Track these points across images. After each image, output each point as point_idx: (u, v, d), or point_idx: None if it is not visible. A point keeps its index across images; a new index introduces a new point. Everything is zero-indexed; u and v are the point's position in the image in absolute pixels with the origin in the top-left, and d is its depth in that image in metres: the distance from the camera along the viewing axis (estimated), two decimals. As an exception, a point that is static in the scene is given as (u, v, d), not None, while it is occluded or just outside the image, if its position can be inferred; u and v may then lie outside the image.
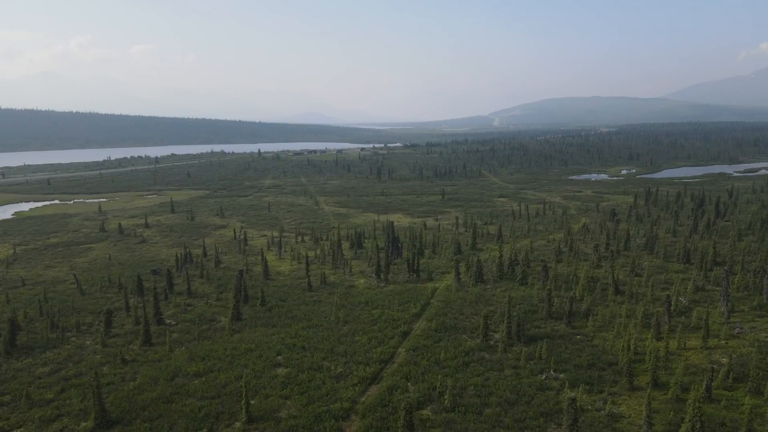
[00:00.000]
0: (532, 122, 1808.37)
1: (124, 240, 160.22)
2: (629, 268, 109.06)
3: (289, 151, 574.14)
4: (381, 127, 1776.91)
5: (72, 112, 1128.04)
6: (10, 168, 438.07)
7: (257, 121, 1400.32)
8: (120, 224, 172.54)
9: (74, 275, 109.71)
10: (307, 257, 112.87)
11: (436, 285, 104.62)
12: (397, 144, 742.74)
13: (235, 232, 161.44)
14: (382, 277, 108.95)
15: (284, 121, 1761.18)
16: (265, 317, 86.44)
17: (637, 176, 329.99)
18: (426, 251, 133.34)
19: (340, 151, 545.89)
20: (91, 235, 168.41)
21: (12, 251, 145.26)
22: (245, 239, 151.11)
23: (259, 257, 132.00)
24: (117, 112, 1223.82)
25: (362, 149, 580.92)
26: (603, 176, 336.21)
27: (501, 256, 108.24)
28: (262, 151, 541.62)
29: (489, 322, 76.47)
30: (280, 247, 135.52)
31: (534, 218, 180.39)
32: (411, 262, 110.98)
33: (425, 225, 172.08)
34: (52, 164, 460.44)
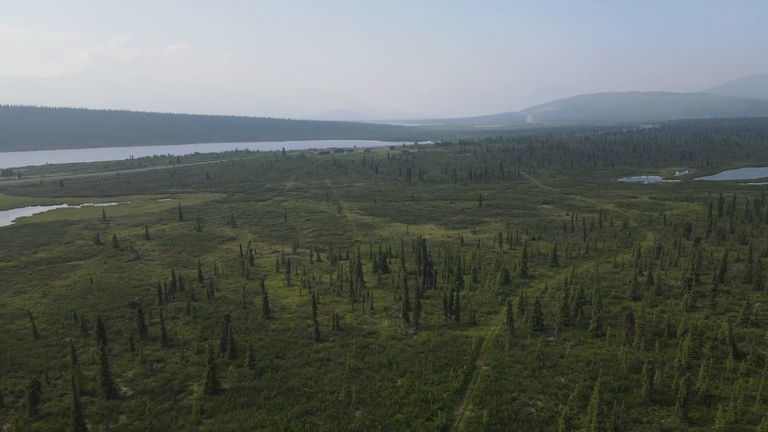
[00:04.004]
0: (566, 118, 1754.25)
1: (118, 255, 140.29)
2: (739, 313, 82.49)
3: (315, 149, 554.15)
4: (411, 124, 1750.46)
5: (104, 111, 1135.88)
6: (32, 167, 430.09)
7: (286, 118, 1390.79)
8: (115, 236, 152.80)
9: (29, 314, 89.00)
10: (314, 296, 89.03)
11: (482, 333, 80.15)
12: (428, 142, 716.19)
13: (241, 248, 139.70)
14: (411, 320, 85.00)
15: (313, 119, 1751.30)
16: (251, 389, 63.43)
17: (695, 178, 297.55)
18: (465, 277, 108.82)
19: (367, 150, 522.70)
20: (83, 248, 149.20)
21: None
22: (252, 258, 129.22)
23: (264, 282, 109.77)
24: (150, 111, 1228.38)
25: (391, 148, 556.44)
26: (656, 178, 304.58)
27: (567, 297, 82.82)
28: (287, 149, 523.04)
29: (569, 414, 51.82)
30: (288, 272, 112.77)
31: (590, 232, 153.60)
32: (449, 300, 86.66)
33: (462, 240, 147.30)
34: (74, 163, 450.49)
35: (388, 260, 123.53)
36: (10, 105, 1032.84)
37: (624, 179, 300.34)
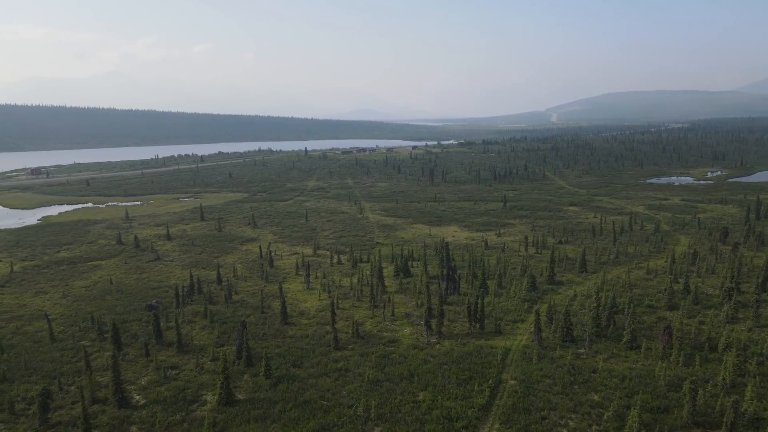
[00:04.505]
0: (592, 118, 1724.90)
1: (138, 256, 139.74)
2: (785, 326, 77.18)
3: (337, 149, 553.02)
4: (434, 124, 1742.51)
5: (132, 110, 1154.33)
6: (61, 166, 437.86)
7: (309, 117, 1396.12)
8: (136, 237, 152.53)
9: (46, 316, 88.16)
10: (333, 303, 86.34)
11: (508, 343, 76.36)
12: (451, 141, 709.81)
13: (261, 250, 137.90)
14: (433, 328, 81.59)
15: (336, 118, 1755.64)
16: (266, 401, 60.85)
17: (729, 180, 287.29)
18: (490, 283, 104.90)
19: (390, 150, 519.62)
20: (105, 248, 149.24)
21: (9, 270, 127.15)
22: (271, 260, 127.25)
23: (283, 285, 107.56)
24: (176, 110, 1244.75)
25: (414, 147, 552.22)
26: (687, 179, 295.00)
27: (598, 306, 78.43)
28: (310, 149, 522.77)
29: (603, 438, 47.97)
30: (308, 275, 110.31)
31: (619, 236, 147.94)
32: (473, 308, 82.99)
33: (486, 243, 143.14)
34: (100, 162, 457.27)
35: (409, 263, 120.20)
36: (41, 105, 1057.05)
37: (653, 180, 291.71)
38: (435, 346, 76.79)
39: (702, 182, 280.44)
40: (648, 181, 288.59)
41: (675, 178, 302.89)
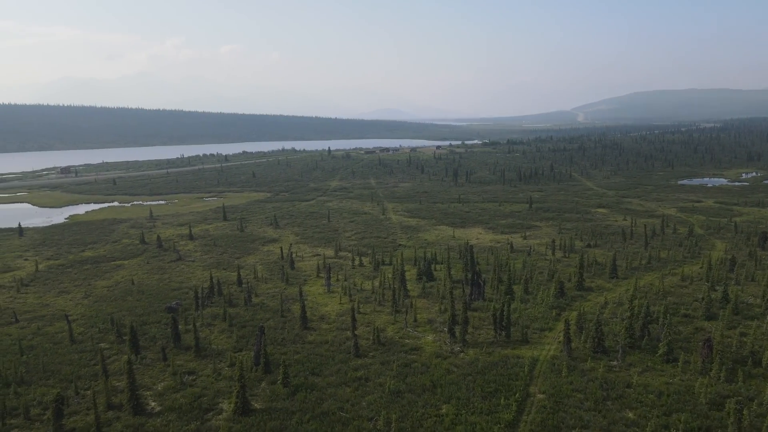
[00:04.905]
0: (620, 117, 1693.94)
1: (160, 256, 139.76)
2: (836, 340, 72.19)
3: (360, 149, 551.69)
4: (458, 123, 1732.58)
5: (159, 110, 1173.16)
6: (89, 165, 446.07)
7: (333, 117, 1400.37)
8: (159, 236, 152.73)
9: (66, 317, 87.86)
10: (353, 308, 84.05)
11: (535, 353, 73.03)
12: (475, 141, 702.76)
13: (282, 251, 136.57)
14: (457, 335, 78.67)
15: (360, 117, 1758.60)
16: (283, 411, 58.81)
17: (765, 181, 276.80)
18: (516, 288, 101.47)
19: (413, 150, 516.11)
20: (128, 248, 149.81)
21: (34, 268, 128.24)
22: (292, 261, 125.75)
23: (303, 288, 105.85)
24: (202, 110, 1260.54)
25: (438, 147, 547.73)
26: (721, 181, 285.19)
27: (632, 316, 74.51)
28: (333, 148, 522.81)
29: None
30: (329, 278, 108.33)
31: (651, 239, 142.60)
32: (498, 315, 79.79)
33: (511, 246, 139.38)
34: (127, 162, 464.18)
35: (433, 267, 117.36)
36: (72, 105, 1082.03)
37: (685, 181, 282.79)
38: (459, 354, 73.91)
39: (737, 184, 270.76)
40: (679, 182, 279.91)
41: (708, 179, 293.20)
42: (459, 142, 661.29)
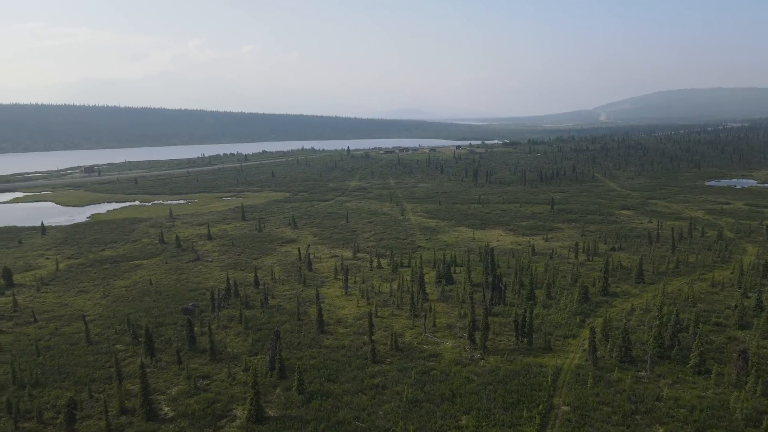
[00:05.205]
0: (643, 116, 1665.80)
1: (179, 256, 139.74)
2: None
3: (379, 148, 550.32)
4: (478, 123, 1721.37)
5: (181, 110, 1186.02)
6: (112, 164, 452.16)
7: (352, 116, 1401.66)
8: (177, 236, 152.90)
9: (83, 318, 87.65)
10: (371, 314, 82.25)
11: (559, 362, 70.37)
12: (496, 141, 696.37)
13: (299, 252, 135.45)
14: (478, 342, 76.35)
15: (380, 117, 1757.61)
16: (298, 420, 57.27)
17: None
18: (538, 292, 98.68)
19: (433, 150, 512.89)
20: (147, 247, 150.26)
21: (55, 267, 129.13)
22: (310, 263, 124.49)
23: (320, 290, 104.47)
24: (223, 110, 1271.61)
25: (457, 147, 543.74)
26: (750, 182, 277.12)
27: (661, 324, 71.38)
28: (353, 148, 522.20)
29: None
30: (346, 280, 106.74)
31: (678, 243, 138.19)
32: (521, 321, 77.25)
33: (533, 248, 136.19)
34: (149, 161, 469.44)
35: (452, 269, 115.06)
36: (97, 105, 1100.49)
37: (713, 183, 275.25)
38: (479, 362, 71.62)
39: (767, 185, 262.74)
40: (707, 183, 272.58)
41: (736, 180, 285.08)
42: (479, 142, 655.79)
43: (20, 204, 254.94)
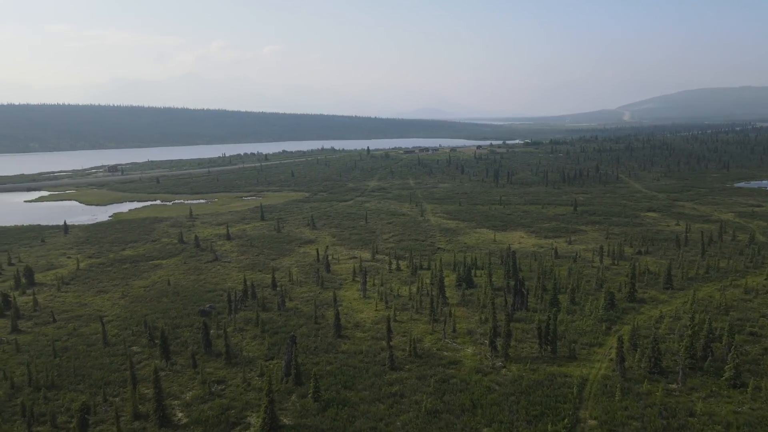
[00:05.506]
0: (668, 116, 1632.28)
1: (198, 256, 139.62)
2: None
3: (399, 148, 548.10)
4: (499, 123, 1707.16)
5: (203, 110, 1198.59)
6: (135, 164, 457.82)
7: (372, 116, 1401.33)
8: (196, 236, 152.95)
9: (101, 319, 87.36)
10: (389, 319, 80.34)
11: (584, 372, 67.60)
12: (517, 141, 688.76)
13: (318, 253, 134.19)
14: (499, 349, 73.91)
15: (400, 117, 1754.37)
16: (314, 428, 55.73)
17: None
18: (561, 297, 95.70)
19: (453, 150, 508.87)
20: (167, 247, 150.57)
21: (75, 267, 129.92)
22: (328, 264, 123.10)
23: (338, 293, 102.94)
24: (245, 110, 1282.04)
25: (478, 147, 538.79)
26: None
27: (693, 334, 68.09)
28: (372, 148, 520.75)
29: None
30: (365, 283, 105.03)
31: (708, 246, 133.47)
32: (543, 328, 74.59)
33: (556, 251, 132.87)
34: (171, 160, 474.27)
35: (473, 272, 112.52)
36: (122, 105, 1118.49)
37: (742, 184, 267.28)
38: (500, 370, 69.21)
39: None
40: (736, 185, 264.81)
41: (767, 182, 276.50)
42: (500, 142, 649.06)
43: (45, 203, 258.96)
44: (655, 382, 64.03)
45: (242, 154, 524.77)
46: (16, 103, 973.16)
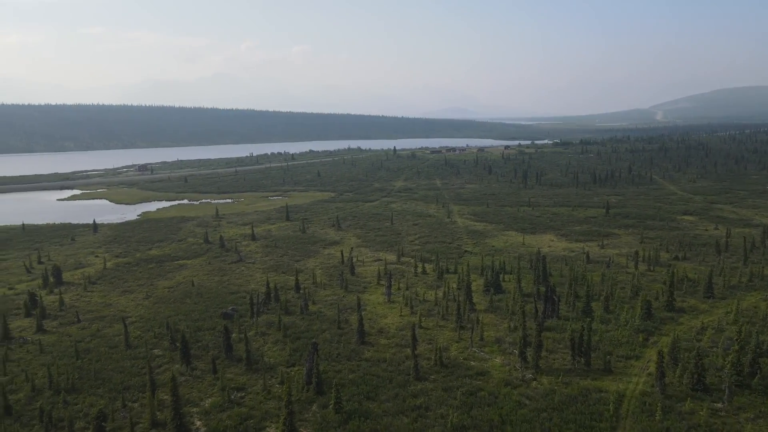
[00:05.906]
0: (703, 115, 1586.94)
1: (222, 256, 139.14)
2: None
3: (426, 148, 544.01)
4: (527, 122, 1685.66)
5: (232, 110, 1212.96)
6: (165, 163, 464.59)
7: (399, 116, 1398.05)
8: (221, 236, 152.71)
9: (123, 321, 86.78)
10: (414, 327, 77.61)
11: (621, 387, 63.76)
12: (546, 141, 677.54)
13: (342, 254, 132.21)
14: (529, 359, 70.53)
15: (427, 116, 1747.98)
16: (334, 443, 53.28)
17: None
18: (595, 305, 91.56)
19: (481, 150, 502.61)
20: (192, 247, 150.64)
21: (102, 266, 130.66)
22: (352, 267, 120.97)
23: (362, 296, 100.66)
24: (273, 109, 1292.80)
25: (506, 147, 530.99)
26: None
27: (739, 349, 63.59)
28: (399, 147, 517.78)
29: None
30: (389, 287, 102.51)
31: (750, 252, 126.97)
32: (577, 338, 70.89)
33: (587, 256, 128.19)
34: (200, 160, 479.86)
35: (501, 277, 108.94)
36: (153, 105, 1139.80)
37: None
38: (531, 383, 65.86)
39: None
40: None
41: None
42: (528, 142, 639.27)
43: (77, 201, 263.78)
44: (698, 400, 59.89)
45: (269, 153, 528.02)
46: (53, 103, 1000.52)
